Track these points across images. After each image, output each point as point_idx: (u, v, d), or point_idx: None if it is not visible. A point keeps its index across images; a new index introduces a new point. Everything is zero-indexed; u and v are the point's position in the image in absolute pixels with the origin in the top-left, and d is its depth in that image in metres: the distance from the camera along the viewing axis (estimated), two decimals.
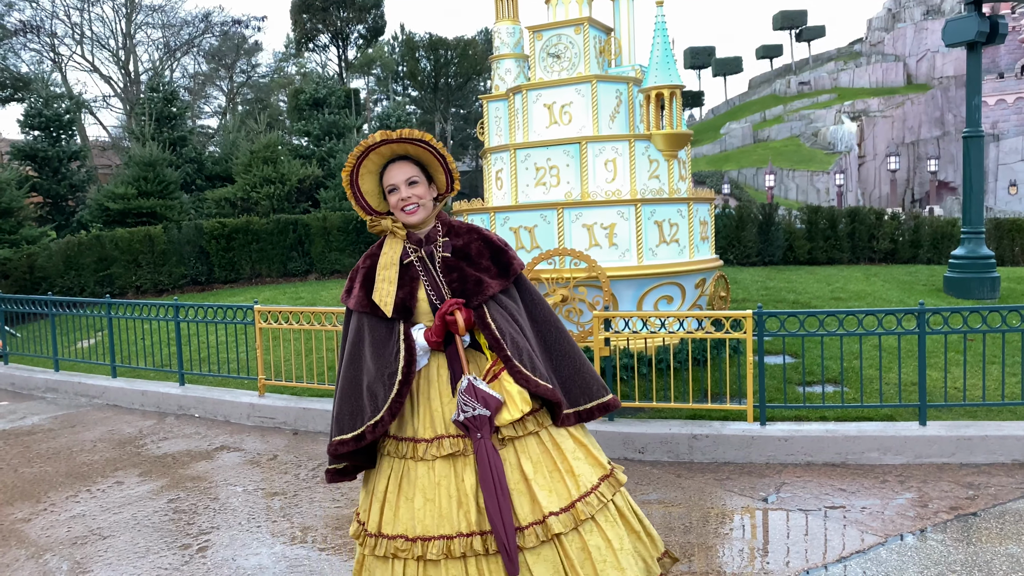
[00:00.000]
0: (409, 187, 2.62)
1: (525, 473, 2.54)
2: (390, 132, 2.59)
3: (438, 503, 2.51)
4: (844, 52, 64.43)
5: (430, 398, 2.62)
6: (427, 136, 2.59)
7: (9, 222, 13.75)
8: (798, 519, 4.21)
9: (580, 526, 2.53)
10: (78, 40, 38.35)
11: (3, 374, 8.90)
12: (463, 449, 2.53)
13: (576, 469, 2.60)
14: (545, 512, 2.49)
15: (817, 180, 47.58)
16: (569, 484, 2.56)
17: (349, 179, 2.65)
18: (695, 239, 6.91)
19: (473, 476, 2.52)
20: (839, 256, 13.68)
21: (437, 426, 2.58)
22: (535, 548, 2.48)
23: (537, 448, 2.59)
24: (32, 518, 4.63)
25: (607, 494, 2.63)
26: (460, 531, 2.48)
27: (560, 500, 2.53)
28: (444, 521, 2.50)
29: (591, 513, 2.55)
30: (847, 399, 5.72)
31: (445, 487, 2.52)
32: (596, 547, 2.53)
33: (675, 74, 6.62)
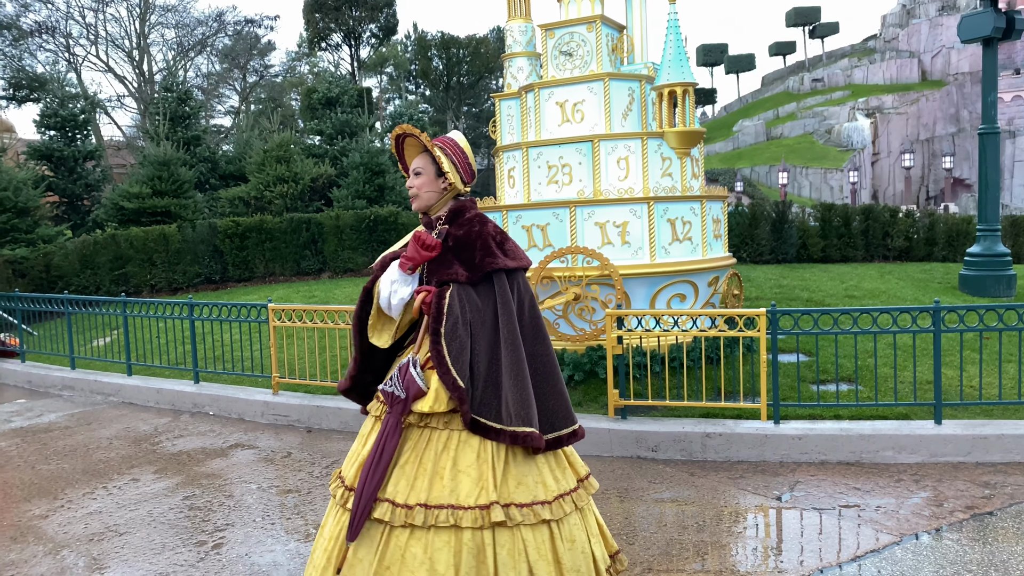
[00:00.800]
0: (413, 177, 2.89)
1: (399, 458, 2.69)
2: (407, 126, 2.89)
3: (353, 450, 2.87)
4: (858, 49, 64.02)
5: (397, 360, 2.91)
6: (423, 136, 2.83)
7: (26, 221, 13.86)
8: (812, 518, 4.19)
9: (411, 528, 2.59)
10: (93, 40, 38.61)
11: (20, 372, 8.98)
12: (381, 415, 2.78)
13: (449, 478, 2.61)
14: (386, 496, 2.63)
15: (831, 178, 47.32)
16: (428, 487, 2.61)
17: (398, 157, 2.98)
18: (708, 237, 6.89)
19: (408, 451, 2.71)
20: (853, 254, 13.59)
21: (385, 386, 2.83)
22: (370, 522, 2.63)
23: (430, 444, 2.69)
24: (49, 515, 4.67)
25: (465, 520, 2.56)
26: (342, 477, 2.81)
27: (412, 496, 2.61)
28: (346, 465, 2.85)
29: (429, 523, 2.56)
30: (861, 397, 5.69)
31: (359, 440, 2.85)
32: (413, 555, 2.56)
33: (688, 71, 6.60)
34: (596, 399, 6.00)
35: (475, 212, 2.91)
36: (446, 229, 2.86)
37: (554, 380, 2.82)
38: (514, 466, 2.69)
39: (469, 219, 2.87)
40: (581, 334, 6.36)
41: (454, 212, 2.89)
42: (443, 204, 2.90)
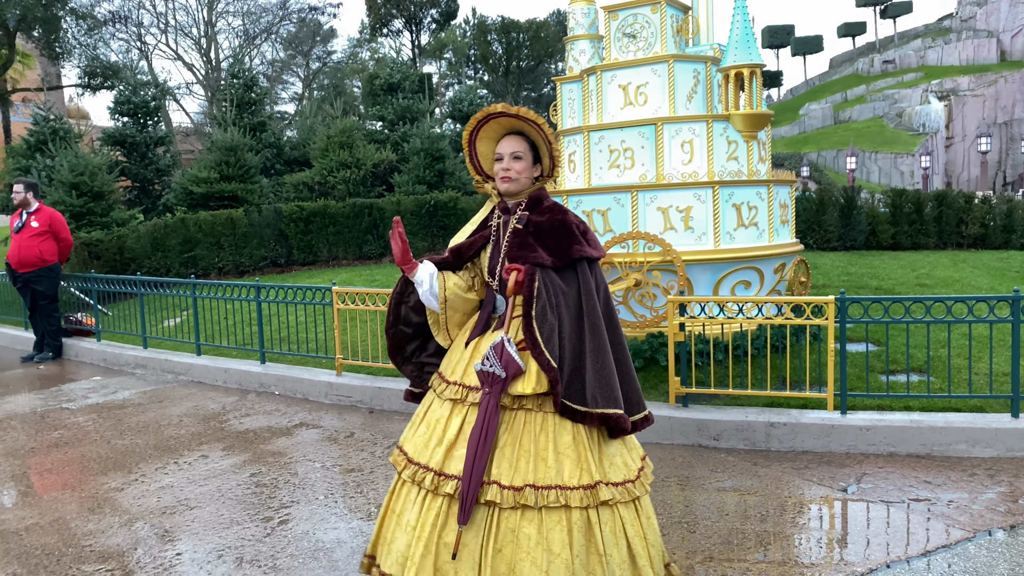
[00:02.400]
0: (512, 160, 2.84)
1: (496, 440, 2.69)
2: (511, 106, 2.82)
3: (428, 435, 2.80)
4: (932, 28, 61.73)
5: (465, 345, 2.89)
6: (539, 119, 2.77)
7: (101, 205, 14.32)
8: (879, 511, 4.09)
9: (522, 509, 2.61)
10: (163, 29, 39.68)
11: (96, 350, 9.33)
12: (462, 398, 2.76)
13: (552, 460, 2.66)
14: (491, 479, 2.63)
15: (901, 162, 45.85)
16: (533, 469, 2.64)
17: (468, 139, 2.91)
18: (775, 223, 6.74)
19: (457, 426, 2.73)
20: (925, 241, 13.17)
21: (458, 372, 2.83)
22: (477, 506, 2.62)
23: (526, 426, 2.70)
24: (124, 488, 4.85)
25: (573, 500, 2.61)
26: (427, 464, 2.73)
27: (516, 478, 2.63)
28: (424, 451, 2.77)
29: (540, 504, 2.60)
30: (933, 389, 5.52)
31: (438, 424, 2.80)
32: (527, 536, 2.59)
33: (755, 53, 6.45)
34: (656, 386, 5.94)
35: (552, 200, 2.94)
36: (527, 216, 2.88)
37: (628, 367, 2.86)
38: (604, 447, 2.78)
39: (549, 207, 2.90)
40: (641, 320, 6.30)
41: (534, 199, 2.91)
42: (527, 192, 2.92)
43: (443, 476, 2.68)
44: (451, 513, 2.64)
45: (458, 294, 2.92)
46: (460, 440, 2.71)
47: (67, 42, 30.56)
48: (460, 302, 2.93)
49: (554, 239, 2.81)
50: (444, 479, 2.67)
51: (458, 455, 2.68)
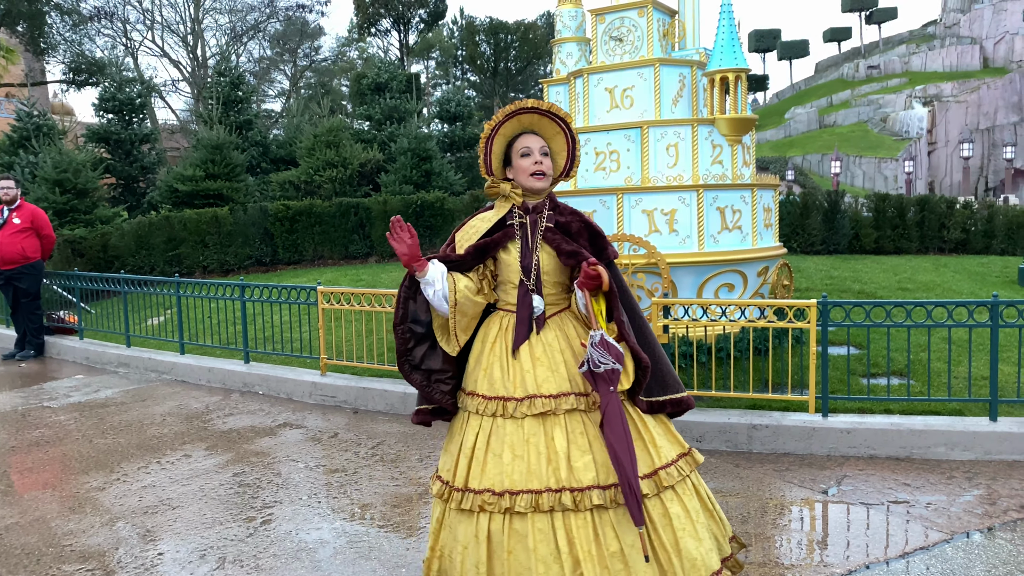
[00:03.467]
0: (543, 156, 2.84)
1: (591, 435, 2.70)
2: (541, 102, 2.83)
3: (527, 459, 2.63)
4: (917, 35, 62.27)
5: (521, 359, 2.77)
6: (570, 118, 2.84)
7: (85, 202, 14.23)
8: (859, 513, 4.13)
9: (662, 492, 2.67)
10: (149, 26, 39.43)
11: (79, 348, 9.27)
12: (554, 409, 2.67)
13: (657, 441, 2.75)
14: None
15: (885, 167, 46.23)
16: (652, 453, 2.71)
17: (490, 134, 2.83)
18: (758, 226, 6.79)
19: (564, 435, 2.65)
20: (907, 246, 13.29)
21: (528, 386, 2.71)
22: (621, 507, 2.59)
23: None
24: (106, 487, 4.83)
25: (685, 469, 2.77)
26: (549, 486, 2.58)
27: (643, 466, 2.66)
28: (532, 476, 2.60)
29: (672, 483, 2.69)
30: (913, 392, 5.58)
31: (534, 444, 2.65)
32: (676, 515, 2.66)
33: (740, 57, 6.49)
34: None
35: (567, 204, 2.97)
36: (553, 215, 2.88)
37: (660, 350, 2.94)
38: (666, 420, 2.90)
39: (568, 209, 2.92)
40: None
41: (553, 201, 2.93)
42: (547, 192, 2.93)
43: (579, 491, 2.58)
44: (603, 522, 2.58)
45: (468, 297, 2.82)
46: (575, 451, 2.63)
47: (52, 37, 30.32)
48: (470, 305, 2.83)
49: (585, 240, 2.83)
50: (582, 493, 2.58)
51: (581, 465, 2.60)
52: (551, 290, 2.85)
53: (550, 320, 2.84)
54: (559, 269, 2.85)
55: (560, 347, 2.78)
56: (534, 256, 2.83)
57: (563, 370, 2.74)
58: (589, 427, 2.69)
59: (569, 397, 2.69)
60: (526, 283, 2.82)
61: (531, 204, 2.90)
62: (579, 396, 2.71)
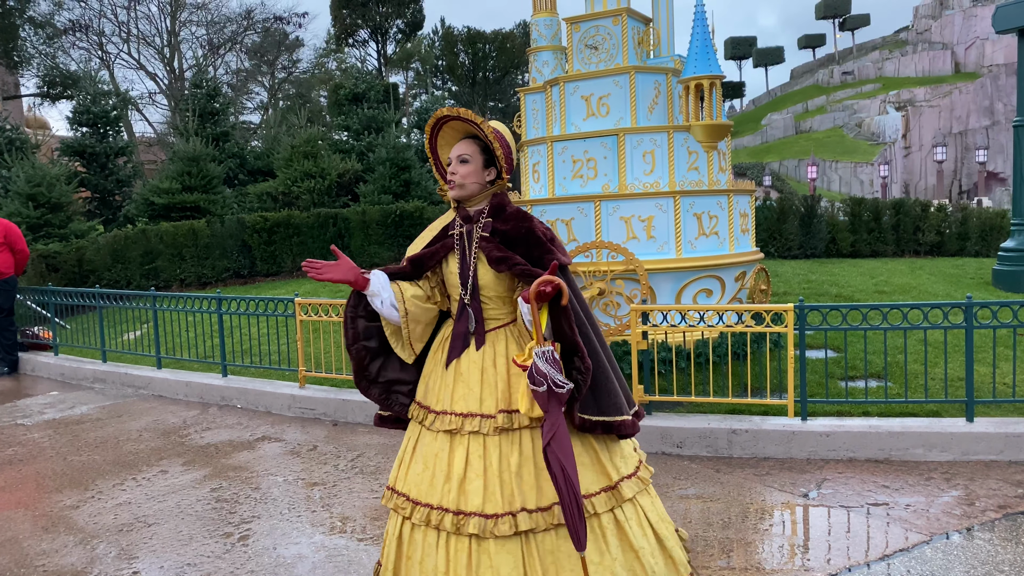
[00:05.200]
0: (458, 164, 2.73)
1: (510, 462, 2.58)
2: (455, 108, 2.73)
3: (432, 473, 2.64)
4: (889, 41, 63.14)
5: (448, 373, 2.73)
6: (478, 119, 2.67)
7: (59, 216, 14.08)
8: (840, 516, 4.14)
9: (555, 529, 2.52)
10: (125, 38, 39.11)
11: (53, 364, 9.14)
12: (459, 428, 2.63)
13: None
14: (517, 507, 2.53)
15: (861, 171, 46.74)
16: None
17: (430, 147, 2.82)
18: (735, 231, 6.83)
19: (463, 457, 2.59)
20: (883, 249, 13.42)
21: (444, 400, 2.69)
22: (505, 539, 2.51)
23: (532, 444, 2.59)
24: (80, 505, 4.75)
25: (600, 506, 2.58)
26: (440, 504, 2.59)
27: (543, 498, 2.54)
28: (432, 491, 2.62)
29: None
30: (891, 394, 5.61)
31: (441, 459, 2.64)
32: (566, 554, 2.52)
33: (715, 64, 6.53)
34: None
35: (516, 207, 2.82)
36: (490, 223, 2.75)
37: (617, 369, 2.76)
38: (610, 442, 2.71)
39: (513, 214, 2.77)
40: (605, 329, 6.33)
41: (496, 207, 2.78)
42: (484, 197, 2.79)
43: (463, 515, 2.54)
44: (481, 551, 2.52)
45: (418, 304, 2.77)
46: (471, 474, 2.58)
47: (25, 51, 30.02)
48: (421, 312, 2.78)
49: (523, 248, 2.68)
50: (464, 518, 2.54)
51: (472, 489, 2.56)
52: (491, 304, 2.73)
53: (488, 335, 2.72)
54: (498, 281, 2.70)
55: (484, 365, 2.68)
56: (471, 268, 2.72)
57: (478, 390, 2.65)
58: (491, 451, 2.59)
59: (475, 418, 2.61)
60: (463, 297, 2.74)
61: (471, 212, 2.79)
62: (485, 418, 2.61)
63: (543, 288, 2.39)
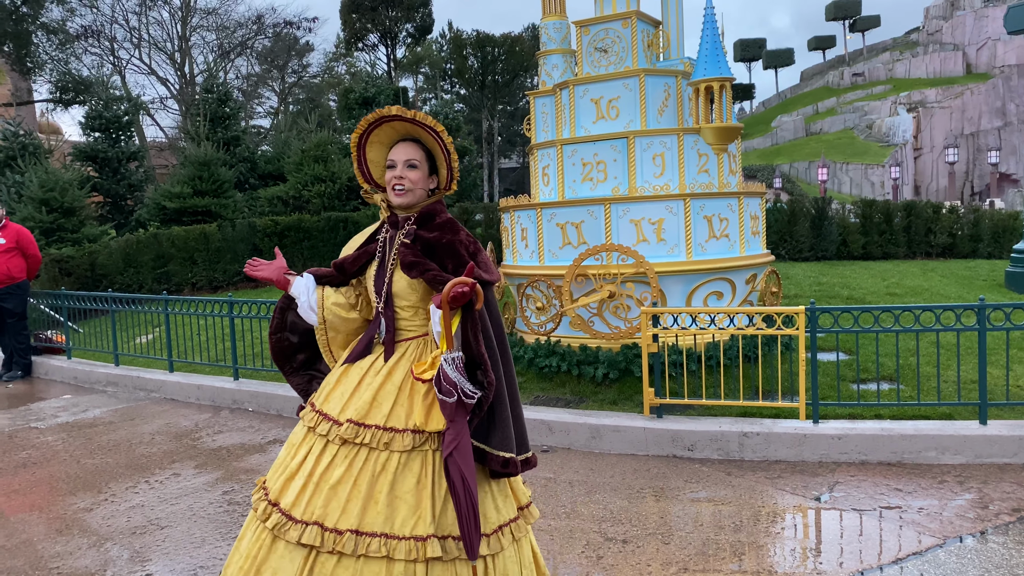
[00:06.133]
0: (406, 168, 2.58)
1: (328, 476, 2.45)
2: (407, 110, 2.55)
3: (280, 460, 2.61)
4: (900, 42, 62.89)
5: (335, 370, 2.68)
6: (438, 126, 2.54)
7: (72, 221, 14.16)
8: (852, 519, 4.13)
9: (339, 556, 2.38)
10: (136, 44, 39.38)
11: (67, 368, 9.20)
12: (314, 426, 2.55)
13: (386, 504, 2.40)
14: (314, 519, 2.40)
15: (872, 173, 46.54)
16: (365, 512, 2.40)
17: (357, 143, 2.64)
18: (746, 234, 6.81)
19: (302, 456, 2.52)
20: (895, 251, 13.36)
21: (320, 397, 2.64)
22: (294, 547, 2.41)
23: (359, 462, 2.45)
24: (94, 508, 4.78)
25: (398, 552, 2.36)
26: (267, 490, 2.55)
27: (341, 519, 2.40)
28: (272, 476, 2.58)
29: (359, 552, 2.37)
30: (903, 397, 5.59)
31: (290, 449, 2.60)
32: None
33: (725, 66, 6.53)
34: (631, 397, 5.97)
35: (447, 216, 2.66)
36: (414, 230, 2.60)
37: (518, 402, 2.62)
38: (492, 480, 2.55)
39: (441, 224, 2.62)
40: (616, 332, 6.33)
41: (425, 214, 2.63)
42: (421, 204, 2.65)
43: (275, 507, 2.46)
44: (272, 549, 2.43)
45: (338, 314, 2.69)
46: (299, 473, 2.48)
47: (38, 57, 30.22)
48: (340, 322, 2.70)
49: (440, 260, 2.54)
50: (273, 510, 2.46)
51: (292, 487, 2.46)
52: (404, 313, 2.61)
53: (398, 345, 2.60)
54: (412, 290, 2.57)
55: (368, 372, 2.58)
56: (387, 274, 2.61)
57: (347, 396, 2.54)
58: (324, 459, 2.47)
59: (328, 422, 2.52)
60: (377, 304, 2.64)
61: (399, 217, 2.66)
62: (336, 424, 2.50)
63: (459, 290, 2.30)
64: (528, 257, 7.12)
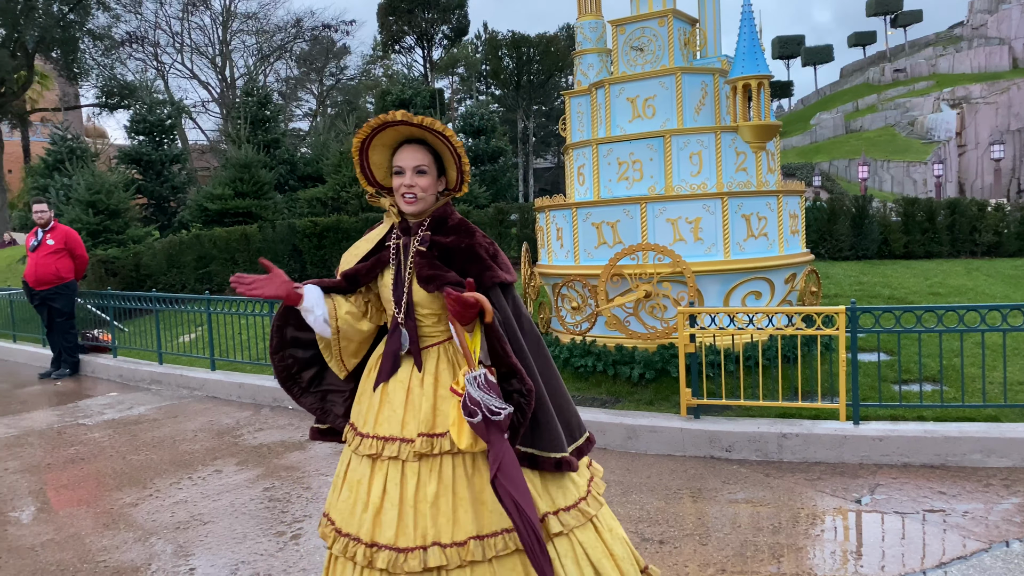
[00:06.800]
0: (416, 175, 2.48)
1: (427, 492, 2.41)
2: (412, 115, 2.44)
3: (353, 500, 2.48)
4: (943, 37, 61.59)
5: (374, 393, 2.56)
6: (448, 131, 2.44)
7: (117, 222, 14.49)
8: (894, 522, 4.06)
9: (470, 566, 2.35)
10: (178, 48, 40.16)
11: (112, 366, 9.41)
12: (379, 452, 2.46)
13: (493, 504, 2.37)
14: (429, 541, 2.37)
15: (914, 171, 45.66)
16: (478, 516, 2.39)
17: (359, 147, 2.52)
18: (785, 233, 6.74)
19: (380, 487, 2.43)
20: (938, 250, 13.08)
21: (369, 423, 2.53)
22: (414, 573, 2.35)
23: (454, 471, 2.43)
24: (139, 503, 4.89)
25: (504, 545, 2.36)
26: (357, 535, 2.43)
27: (458, 532, 2.37)
28: (351, 519, 2.46)
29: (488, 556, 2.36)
30: (947, 398, 5.48)
31: (361, 486, 2.48)
32: None
33: (763, 64, 6.46)
34: (668, 398, 5.94)
35: (459, 218, 2.61)
36: (428, 236, 2.54)
37: (563, 392, 2.60)
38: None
39: (456, 227, 2.56)
40: (652, 332, 6.30)
41: (438, 218, 2.56)
42: (432, 209, 2.58)
43: (375, 547, 2.38)
44: None
45: (351, 324, 2.60)
46: (387, 503, 2.41)
47: (85, 63, 30.97)
48: (354, 332, 2.62)
49: (459, 265, 2.48)
50: (376, 551, 2.38)
51: (387, 520, 2.39)
52: (426, 321, 2.54)
53: (423, 352, 2.54)
54: (433, 298, 2.51)
55: (411, 385, 2.52)
56: (405, 284, 2.52)
57: (401, 412, 2.48)
58: (408, 479, 2.42)
59: (394, 443, 2.44)
60: (396, 315, 2.55)
61: (410, 223, 2.57)
62: (405, 442, 2.45)
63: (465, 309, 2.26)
64: (563, 257, 7.12)
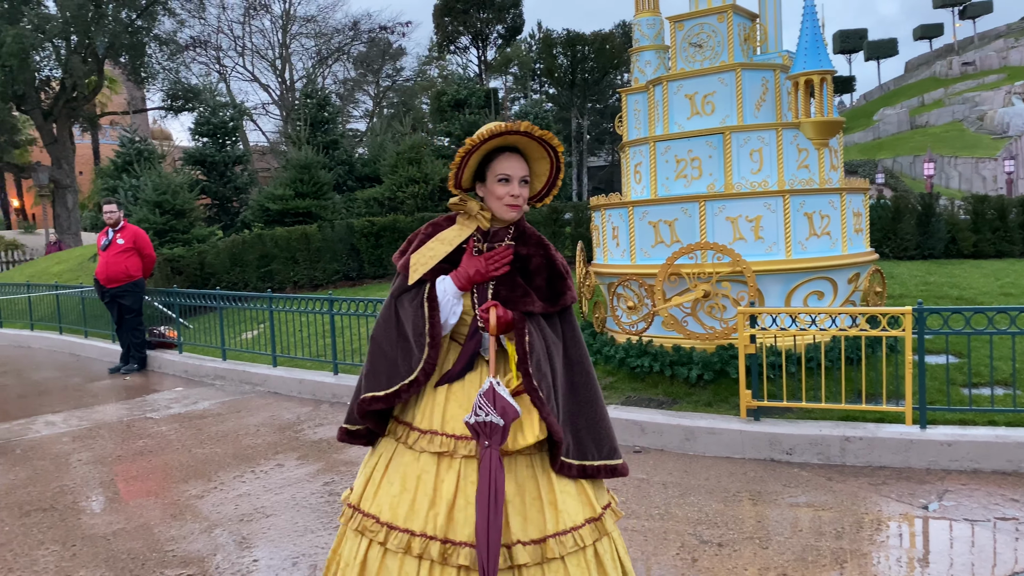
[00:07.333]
0: (522, 186, 2.51)
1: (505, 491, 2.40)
2: (533, 126, 2.47)
3: (413, 496, 2.43)
4: (1015, 28, 59.40)
5: (436, 390, 2.53)
6: (560, 147, 2.49)
7: (182, 222, 14.91)
8: (963, 529, 3.94)
9: (546, 563, 2.38)
10: (240, 52, 41.09)
11: (178, 362, 9.68)
12: (452, 450, 2.43)
13: (560, 503, 2.43)
14: (513, 539, 2.36)
15: (983, 167, 44.14)
16: (548, 517, 2.41)
17: (469, 150, 2.46)
18: (848, 231, 6.59)
19: (454, 482, 2.41)
20: (1009, 249, 12.62)
21: (435, 420, 2.49)
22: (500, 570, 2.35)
23: (526, 471, 2.45)
24: (204, 495, 5.02)
25: (587, 538, 2.43)
26: (424, 531, 2.38)
27: (533, 530, 2.39)
28: (413, 516, 2.41)
29: (562, 553, 2.38)
30: (1020, 403, 5.29)
31: (424, 482, 2.44)
32: None
33: (825, 59, 6.33)
34: (727, 399, 5.86)
35: (532, 229, 2.64)
36: (513, 247, 2.56)
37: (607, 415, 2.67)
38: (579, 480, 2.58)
39: (536, 240, 2.60)
40: (711, 332, 6.23)
41: (521, 229, 2.59)
42: None
43: (452, 544, 2.36)
44: None
45: None
46: (461, 500, 2.39)
47: (151, 67, 31.89)
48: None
49: (543, 280, 2.53)
50: (454, 547, 2.35)
51: (463, 517, 2.38)
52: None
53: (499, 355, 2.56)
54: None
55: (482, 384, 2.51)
56: (488, 291, 2.53)
57: None
58: (516, 469, 2.45)
59: (471, 442, 2.42)
60: (477, 319, 2.53)
61: (494, 229, 2.58)
62: None
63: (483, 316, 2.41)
64: (619, 256, 7.08)
